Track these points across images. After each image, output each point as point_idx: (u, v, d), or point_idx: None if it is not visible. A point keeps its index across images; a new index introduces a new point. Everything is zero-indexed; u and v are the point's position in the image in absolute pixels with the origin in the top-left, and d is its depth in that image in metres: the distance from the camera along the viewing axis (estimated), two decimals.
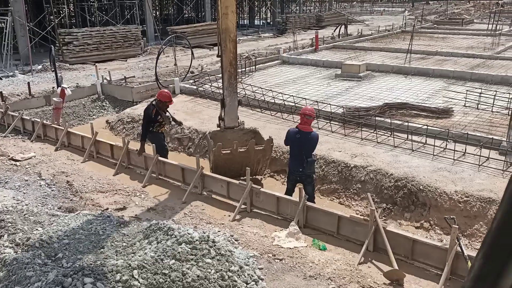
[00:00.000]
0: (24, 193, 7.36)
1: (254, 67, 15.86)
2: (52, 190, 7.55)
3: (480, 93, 10.78)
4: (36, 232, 5.21)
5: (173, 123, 8.75)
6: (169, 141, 9.90)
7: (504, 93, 10.85)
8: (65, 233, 5.15)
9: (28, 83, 13.40)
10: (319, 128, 9.45)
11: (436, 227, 6.73)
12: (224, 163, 7.76)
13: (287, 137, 6.93)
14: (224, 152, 7.68)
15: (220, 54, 7.85)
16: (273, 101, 11.04)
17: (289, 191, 6.96)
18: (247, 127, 8.69)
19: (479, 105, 10.62)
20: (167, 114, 8.40)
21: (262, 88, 11.77)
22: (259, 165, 8.15)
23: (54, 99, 10.98)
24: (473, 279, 0.75)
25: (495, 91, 10.87)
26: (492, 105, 10.40)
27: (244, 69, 15.13)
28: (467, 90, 11.21)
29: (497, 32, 22.55)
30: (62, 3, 22.55)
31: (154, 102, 8.26)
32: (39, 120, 10.80)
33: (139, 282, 3.86)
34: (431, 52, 18.60)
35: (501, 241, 0.69)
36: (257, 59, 17.35)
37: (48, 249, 4.73)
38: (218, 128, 8.37)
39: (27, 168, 8.65)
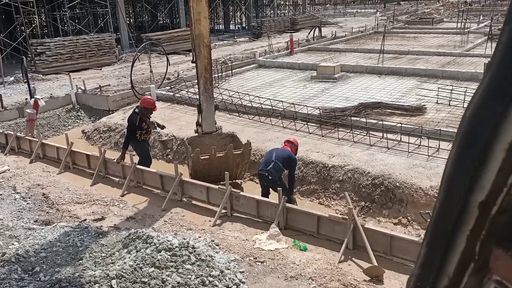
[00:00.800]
0: None
1: (230, 71, 15.90)
2: (27, 203, 7.39)
3: (451, 90, 11.08)
4: (12, 246, 5.10)
5: (158, 128, 8.67)
6: (151, 145, 9.76)
7: (474, 89, 11.16)
8: (42, 246, 5.06)
9: (0, 95, 13.08)
10: (297, 130, 9.55)
11: (413, 223, 6.87)
12: (203, 168, 7.76)
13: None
14: (203, 157, 7.68)
15: (194, 60, 7.87)
16: (250, 105, 11.10)
17: (265, 195, 7.07)
18: (225, 132, 8.71)
19: (450, 102, 10.92)
20: (151, 120, 8.33)
21: (239, 92, 11.82)
22: (238, 169, 8.18)
23: (28, 110, 10.76)
24: (420, 267, 0.79)
25: (466, 87, 11.18)
26: (463, 101, 10.70)
27: (220, 74, 15.15)
28: (438, 88, 11.52)
29: (465, 30, 23.26)
30: (33, 13, 22.11)
31: (137, 110, 8.14)
32: (12, 132, 10.56)
33: None
34: (403, 51, 19.03)
35: (440, 229, 0.73)
36: (234, 63, 17.40)
37: (24, 264, 4.64)
38: (196, 134, 8.36)
39: (0, 182, 8.44)
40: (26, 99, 13.05)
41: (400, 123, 9.06)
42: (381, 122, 9.19)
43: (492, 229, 0.65)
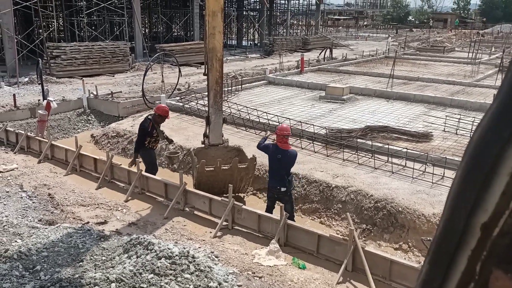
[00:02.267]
0: (5, 204, 7.27)
1: (240, 86, 16.07)
2: (33, 202, 7.47)
3: (459, 119, 11.12)
4: (15, 243, 5.15)
5: (166, 141, 8.79)
6: (158, 154, 9.84)
7: None
8: (44, 245, 5.11)
9: (14, 95, 13.31)
10: (302, 148, 9.61)
11: (414, 249, 6.84)
12: (207, 180, 7.81)
13: (266, 148, 7.04)
14: (208, 169, 7.74)
15: (206, 72, 8.00)
16: (258, 120, 11.20)
17: (270, 209, 7.04)
18: (231, 145, 8.78)
19: (458, 131, 10.95)
20: (162, 129, 8.47)
21: (247, 107, 11.94)
22: (242, 183, 8.22)
23: (39, 111, 10.94)
24: (421, 284, 0.83)
25: (474, 117, 11.22)
26: (470, 131, 10.72)
27: (230, 88, 15.32)
28: (446, 116, 11.56)
29: (477, 60, 23.38)
30: (52, 17, 22.59)
31: (150, 116, 8.30)
32: (23, 132, 10.71)
33: None
34: (413, 77, 19.15)
35: (443, 248, 0.77)
36: (244, 78, 17.60)
37: (26, 261, 4.68)
38: (203, 145, 8.44)
39: (8, 179, 8.54)
40: (39, 100, 13.26)
41: (406, 148, 9.09)
42: (386, 146, 9.22)
43: (493, 251, 0.66)
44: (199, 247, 5.98)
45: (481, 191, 0.66)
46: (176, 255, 4.67)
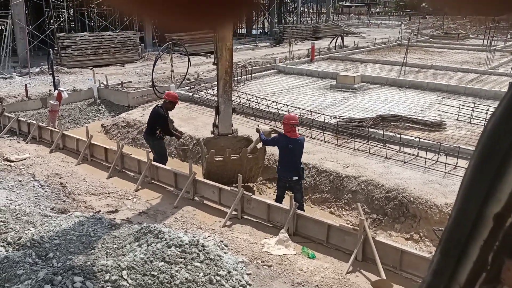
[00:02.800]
0: (18, 193, 7.39)
1: (250, 75, 15.98)
2: (45, 191, 7.57)
3: (473, 108, 10.92)
4: (27, 232, 5.24)
5: (175, 133, 8.79)
6: (168, 143, 9.89)
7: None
8: (57, 233, 5.18)
9: (26, 85, 13.44)
10: (312, 138, 9.55)
11: (425, 239, 6.79)
12: (217, 170, 7.82)
13: (275, 141, 7.03)
14: (217, 159, 7.75)
15: (216, 62, 7.96)
16: (267, 109, 11.14)
17: (280, 198, 7.04)
18: (241, 135, 8.76)
19: (471, 120, 10.77)
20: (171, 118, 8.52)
21: (257, 97, 11.88)
22: (252, 172, 8.22)
23: (51, 101, 11.03)
24: (432, 274, 0.81)
25: (488, 106, 11.00)
26: (484, 120, 10.53)
27: (240, 77, 15.25)
28: (460, 105, 11.36)
29: (492, 47, 22.89)
30: (62, 7, 22.66)
31: (160, 105, 8.37)
32: (35, 122, 10.83)
33: (128, 282, 3.90)
34: (426, 65, 18.84)
35: (455, 237, 0.74)
36: (253, 67, 17.50)
37: (39, 249, 4.76)
38: (212, 135, 8.44)
39: (21, 169, 8.67)
40: (50, 90, 13.38)
41: (418, 137, 8.97)
42: (398, 136, 9.11)
43: (506, 241, 0.66)
44: (209, 236, 6.01)
45: (495, 181, 0.64)
46: (186, 244, 4.70)
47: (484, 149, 0.68)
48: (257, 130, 7.69)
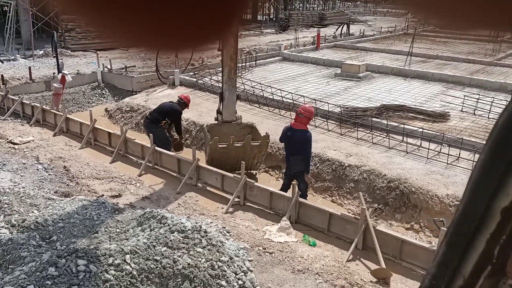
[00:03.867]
0: (22, 176, 7.44)
1: (254, 62, 15.90)
2: (49, 174, 7.62)
3: (478, 99, 10.86)
4: (31, 214, 5.29)
5: (176, 135, 9.20)
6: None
7: (502, 100, 10.94)
8: (60, 216, 5.23)
9: (29, 67, 13.42)
10: (316, 126, 9.54)
11: (426, 229, 6.83)
12: (220, 156, 7.84)
13: (282, 134, 7.09)
14: (221, 146, 7.76)
15: (221, 48, 7.91)
16: (271, 97, 11.11)
17: (286, 186, 7.08)
18: (245, 122, 8.76)
19: (476, 111, 10.71)
20: None
21: (261, 84, 11.83)
22: (255, 160, 8.23)
23: (55, 84, 11.02)
24: (437, 266, 0.82)
25: (493, 97, 10.95)
26: (489, 111, 10.48)
27: (244, 64, 15.17)
28: (465, 96, 11.30)
29: (498, 38, 22.60)
30: None
31: (176, 102, 8.88)
32: (38, 105, 10.84)
33: (131, 266, 3.95)
34: (432, 55, 18.68)
35: (461, 230, 0.75)
36: (258, 54, 17.39)
37: (43, 232, 4.81)
38: (216, 122, 8.44)
39: (25, 151, 8.71)
40: (54, 73, 13.36)
41: (422, 128, 8.95)
42: (402, 126, 9.09)
43: None
44: (211, 222, 6.05)
45: (504, 175, 0.64)
46: (189, 229, 4.74)
47: (495, 143, 0.68)
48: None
